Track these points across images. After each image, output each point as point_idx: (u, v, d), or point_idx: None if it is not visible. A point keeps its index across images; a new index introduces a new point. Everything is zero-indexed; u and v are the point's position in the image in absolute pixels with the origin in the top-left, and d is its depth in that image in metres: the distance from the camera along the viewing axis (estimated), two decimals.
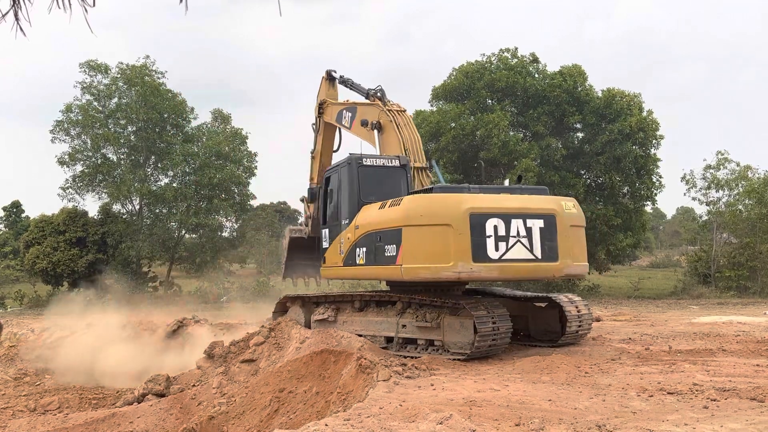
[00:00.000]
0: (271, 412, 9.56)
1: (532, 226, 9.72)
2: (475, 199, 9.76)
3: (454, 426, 5.57)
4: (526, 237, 9.66)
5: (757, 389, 7.17)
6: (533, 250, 9.69)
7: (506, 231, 9.56)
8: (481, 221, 9.47)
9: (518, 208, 9.78)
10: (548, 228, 9.82)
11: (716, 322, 15.24)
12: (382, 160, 11.89)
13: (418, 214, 9.62)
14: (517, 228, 9.62)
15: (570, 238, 10.03)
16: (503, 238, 9.53)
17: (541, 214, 9.86)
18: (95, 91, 34.34)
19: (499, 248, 9.51)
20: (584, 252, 10.58)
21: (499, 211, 9.62)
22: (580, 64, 31.27)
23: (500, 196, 10.13)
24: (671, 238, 74.90)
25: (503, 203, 9.85)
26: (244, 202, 36.93)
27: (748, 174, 31.39)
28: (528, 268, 9.74)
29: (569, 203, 10.37)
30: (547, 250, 9.79)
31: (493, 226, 9.50)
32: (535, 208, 9.92)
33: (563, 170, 30.40)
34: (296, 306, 12.95)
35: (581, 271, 10.53)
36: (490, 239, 9.47)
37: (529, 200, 10.11)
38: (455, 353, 9.90)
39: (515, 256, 9.59)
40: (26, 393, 13.51)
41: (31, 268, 33.65)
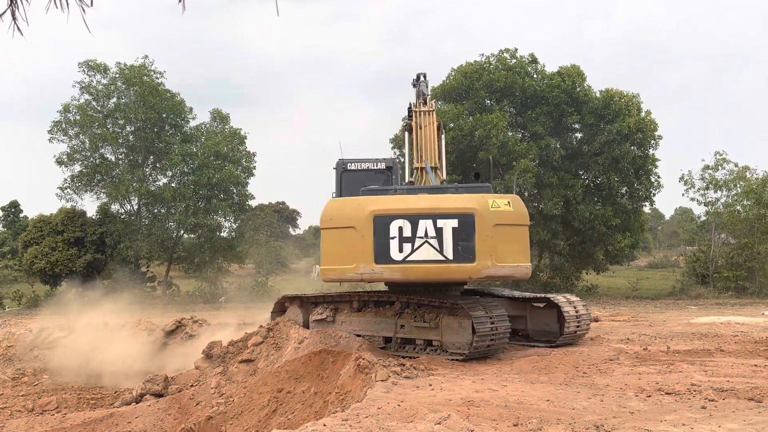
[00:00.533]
0: (269, 412, 9.55)
1: (444, 226, 9.59)
2: (381, 202, 9.88)
3: (452, 426, 5.57)
4: (435, 238, 9.56)
5: (755, 389, 7.18)
6: (443, 251, 9.55)
7: (412, 232, 9.58)
8: (386, 223, 9.59)
9: (428, 209, 9.69)
10: (464, 227, 9.57)
11: (714, 323, 15.26)
12: (367, 164, 12.02)
13: (329, 217, 10.02)
14: (426, 229, 9.58)
15: (493, 238, 9.63)
16: (409, 239, 9.58)
17: (455, 214, 9.65)
18: (94, 91, 34.31)
19: (403, 249, 9.58)
20: (519, 252, 9.97)
21: (405, 213, 9.66)
22: (579, 65, 31.27)
23: (411, 197, 10.08)
24: (669, 238, 74.95)
25: (411, 204, 9.84)
26: (243, 202, 36.91)
27: (746, 174, 31.41)
28: (437, 269, 9.60)
29: (501, 201, 9.94)
30: (461, 250, 9.57)
31: (398, 228, 9.58)
32: (449, 208, 9.74)
33: (561, 171, 30.40)
34: (294, 306, 12.93)
35: (512, 273, 9.87)
36: (393, 241, 9.57)
37: (443, 200, 9.96)
38: (453, 353, 9.91)
39: (421, 257, 9.55)
40: (24, 393, 13.50)
41: (29, 268, 33.62)
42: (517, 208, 10.02)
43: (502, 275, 9.79)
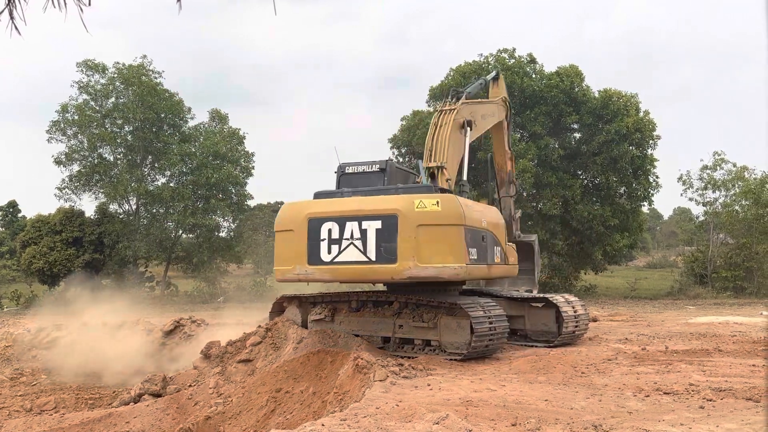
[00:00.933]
0: (267, 412, 9.55)
1: (368, 227, 9.74)
2: (315, 205, 10.29)
3: (450, 426, 5.57)
4: (359, 239, 9.77)
5: (753, 389, 7.18)
6: (367, 252, 9.71)
7: (340, 234, 9.87)
8: (318, 226, 10.01)
9: (354, 211, 9.90)
10: (387, 229, 9.63)
11: (712, 323, 15.28)
12: (363, 166, 12.03)
13: (278, 221, 10.60)
14: (352, 230, 9.81)
15: (417, 239, 9.53)
16: (336, 241, 9.88)
17: (379, 215, 9.75)
18: (92, 91, 34.29)
19: (331, 251, 9.94)
20: (447, 253, 9.65)
21: (334, 215, 9.99)
22: (577, 65, 31.31)
23: (343, 200, 10.35)
24: (668, 238, 75.01)
25: (340, 207, 10.12)
26: (242, 202, 36.93)
27: (744, 175, 31.46)
28: (361, 270, 9.83)
29: (428, 201, 9.72)
30: (384, 251, 9.59)
31: (328, 230, 9.94)
32: (373, 210, 9.85)
33: (560, 171, 30.42)
34: (293, 306, 12.92)
35: (437, 274, 9.58)
36: (323, 242, 9.96)
37: (369, 202, 10.04)
38: (452, 353, 9.91)
39: (347, 259, 9.84)
40: (22, 393, 13.47)
41: (27, 268, 33.61)
42: (447, 207, 9.73)
43: (426, 276, 9.59)
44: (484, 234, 10.49)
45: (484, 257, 10.42)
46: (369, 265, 9.70)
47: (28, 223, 36.59)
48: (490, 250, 10.74)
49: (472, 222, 10.00)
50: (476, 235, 10.15)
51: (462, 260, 9.61)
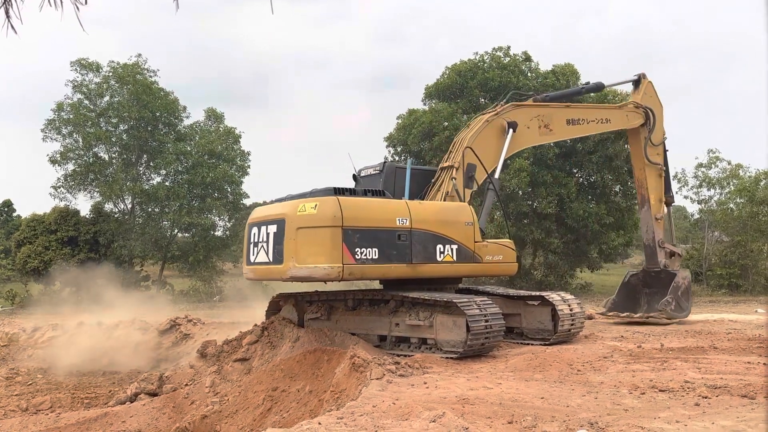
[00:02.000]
0: (264, 410, 9.55)
1: (270, 231, 10.54)
2: (256, 210, 11.45)
3: (447, 424, 5.58)
4: (265, 242, 10.61)
5: (748, 386, 7.21)
6: (268, 254, 10.54)
7: (258, 237, 10.82)
8: (251, 230, 11.09)
9: (264, 216, 10.86)
10: (278, 232, 10.35)
11: (708, 320, 15.32)
12: (369, 169, 12.43)
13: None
14: (263, 234, 10.68)
15: (296, 241, 9.93)
16: (256, 243, 10.87)
17: (274, 220, 10.52)
18: (86, 90, 34.20)
19: (253, 253, 10.96)
20: (320, 254, 9.83)
21: (257, 221, 10.99)
22: (573, 63, 31.37)
23: (266, 206, 11.41)
24: None
25: (262, 213, 11.14)
26: (237, 201, 36.88)
27: (739, 172, 31.56)
28: (266, 270, 10.71)
29: (308, 205, 10.04)
30: (276, 253, 10.37)
31: (254, 234, 10.97)
32: (272, 215, 10.70)
33: (555, 169, 30.47)
34: (289, 305, 12.92)
35: (310, 274, 9.87)
36: (251, 245, 11.01)
37: (272, 208, 11.06)
38: (448, 352, 9.92)
39: (259, 260, 10.79)
40: (18, 393, 13.44)
41: (22, 268, 33.51)
42: (323, 210, 9.92)
43: (302, 276, 10.04)
44: (401, 233, 10.42)
45: (404, 256, 10.42)
46: (269, 265, 10.55)
47: (23, 223, 36.49)
48: (421, 249, 10.66)
49: (361, 222, 10.10)
50: (374, 235, 10.15)
51: (336, 261, 9.82)
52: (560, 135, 14.04)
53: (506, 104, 13.16)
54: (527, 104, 13.53)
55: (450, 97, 32.08)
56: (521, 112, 13.13)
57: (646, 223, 15.71)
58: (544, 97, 14.12)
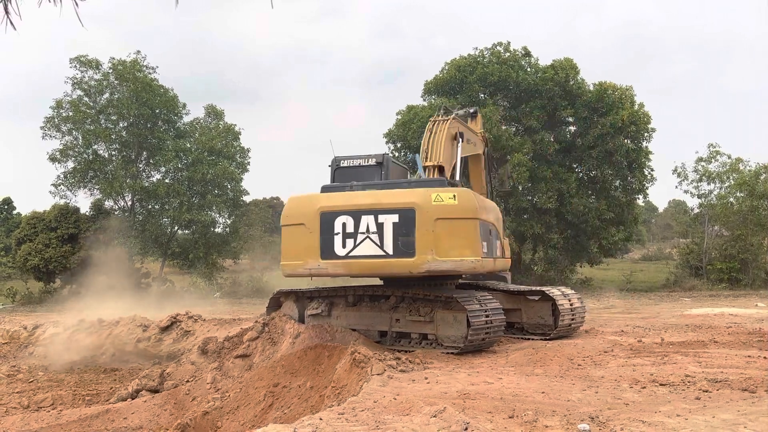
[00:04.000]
0: (265, 406, 9.56)
1: (384, 221, 9.66)
2: (328, 198, 10.05)
3: (448, 419, 5.59)
4: (376, 233, 9.65)
5: (749, 380, 7.22)
6: (383, 246, 9.61)
7: (355, 228, 9.71)
8: (331, 219, 9.78)
9: (370, 205, 9.78)
10: (404, 223, 9.57)
11: (708, 314, 15.35)
12: (359, 160, 12.14)
13: (285, 214, 10.27)
14: (368, 224, 9.68)
15: (435, 232, 9.53)
16: (351, 234, 9.71)
17: (396, 209, 9.67)
18: (86, 87, 34.16)
19: (346, 245, 9.73)
20: (465, 246, 9.73)
21: (349, 209, 9.79)
22: (572, 58, 31.30)
23: (356, 194, 10.17)
24: (663, 231, 75.19)
25: (355, 201, 9.95)
26: (237, 197, 36.86)
27: (739, 166, 31.52)
28: (378, 264, 9.70)
29: (445, 195, 9.74)
30: (401, 245, 9.56)
31: (342, 224, 9.75)
32: (390, 203, 9.76)
33: (555, 164, 30.46)
34: (290, 301, 12.92)
35: (455, 267, 9.67)
36: (338, 236, 9.76)
37: (385, 195, 9.97)
38: (449, 347, 9.94)
39: (363, 253, 9.68)
40: (19, 390, 13.45)
41: (23, 265, 33.52)
42: (463, 201, 9.78)
43: (444, 270, 9.63)
44: (490, 228, 10.61)
45: (492, 251, 10.54)
46: (386, 259, 9.59)
47: (23, 220, 36.48)
48: (495, 244, 10.90)
49: (484, 216, 10.15)
50: (486, 229, 10.27)
51: (478, 253, 9.71)
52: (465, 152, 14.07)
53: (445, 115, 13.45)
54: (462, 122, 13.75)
55: (449, 92, 32.04)
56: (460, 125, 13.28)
57: None
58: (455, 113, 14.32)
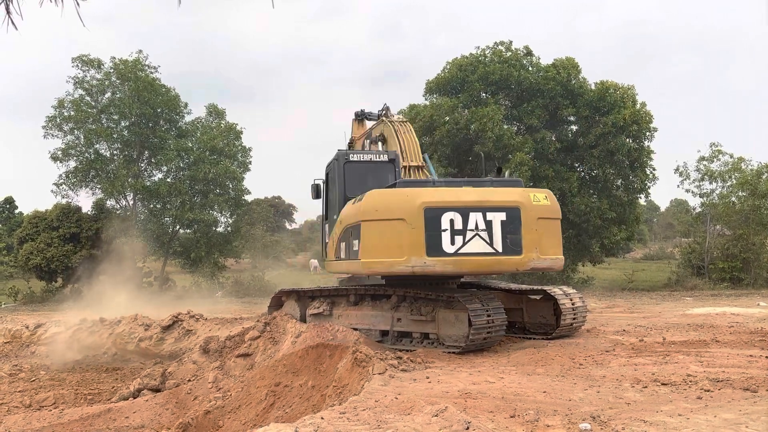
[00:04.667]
0: (267, 406, 9.57)
1: (493, 219, 9.64)
2: (432, 194, 9.78)
3: (449, 418, 5.59)
4: (485, 230, 9.60)
5: (751, 380, 7.21)
6: (493, 244, 9.61)
7: (463, 225, 9.55)
8: (437, 215, 9.51)
9: (477, 202, 9.71)
10: (511, 221, 9.68)
11: (710, 314, 15.33)
12: (369, 155, 12.14)
13: (374, 208, 9.79)
14: (476, 221, 9.59)
15: (537, 231, 9.82)
16: (460, 231, 9.53)
17: (503, 207, 9.73)
18: (88, 86, 34.16)
19: (455, 242, 9.52)
20: (557, 245, 10.33)
21: (455, 205, 9.61)
22: (574, 57, 31.27)
23: (460, 190, 10.04)
24: (665, 230, 75.12)
25: (461, 197, 9.79)
26: (239, 197, 36.84)
27: (741, 166, 31.45)
28: (487, 261, 9.65)
29: (540, 195, 10.21)
30: (509, 243, 9.66)
31: (450, 220, 9.54)
32: (497, 201, 9.79)
33: (557, 163, 30.43)
34: (291, 300, 12.95)
35: (551, 265, 10.19)
36: (445, 233, 9.51)
37: (491, 193, 9.99)
38: (450, 346, 9.94)
39: (473, 250, 9.55)
40: (21, 389, 13.48)
41: (24, 264, 33.52)
42: (553, 202, 10.39)
43: (544, 267, 10.08)
44: None
45: None
46: (496, 256, 9.62)
47: (25, 219, 36.48)
48: None
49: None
50: None
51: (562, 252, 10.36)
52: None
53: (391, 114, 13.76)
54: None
55: (451, 91, 32.03)
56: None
57: None
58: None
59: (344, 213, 11.09)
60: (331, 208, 12.42)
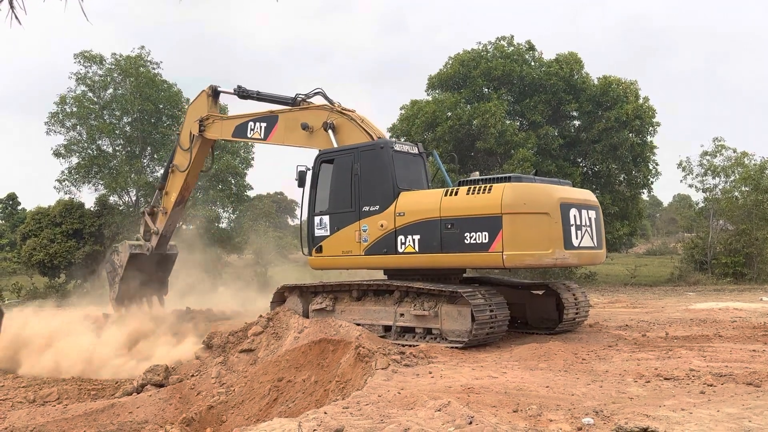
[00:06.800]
0: (270, 401, 9.59)
1: (592, 216, 10.56)
2: (561, 190, 10.35)
3: (452, 413, 5.60)
4: (589, 226, 10.44)
5: (753, 374, 7.21)
6: (593, 238, 10.53)
7: (580, 220, 10.27)
8: (567, 211, 10.04)
9: (584, 200, 10.60)
10: (598, 218, 10.75)
11: (713, 309, 15.32)
12: (407, 146, 11.93)
13: (521, 202, 9.80)
14: (585, 217, 10.39)
15: (603, 228, 11.10)
16: (579, 227, 10.24)
17: (594, 206, 10.79)
18: (90, 82, 34.18)
19: (577, 236, 10.21)
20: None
21: (576, 202, 10.36)
22: (576, 52, 31.18)
23: (565, 188, 10.69)
24: (668, 225, 75.05)
25: (576, 195, 10.59)
26: (241, 192, 36.84)
27: (744, 160, 31.39)
28: (592, 255, 10.63)
29: (592, 196, 11.22)
30: (599, 238, 10.78)
31: (574, 216, 10.16)
32: (590, 200, 10.83)
33: (560, 159, 30.39)
34: (294, 296, 12.95)
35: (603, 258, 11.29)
36: (572, 228, 10.09)
37: (584, 192, 11.02)
38: (453, 341, 9.94)
39: (586, 244, 10.38)
40: (25, 384, 13.51)
41: (28, 260, 33.60)
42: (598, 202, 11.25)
43: (602, 261, 11.28)
44: None
45: None
46: (595, 251, 10.64)
47: (28, 216, 36.55)
48: None
49: None
50: None
51: None
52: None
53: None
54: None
55: (453, 86, 31.98)
56: None
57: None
58: None
59: (416, 204, 10.84)
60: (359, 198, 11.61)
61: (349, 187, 11.76)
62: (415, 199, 10.97)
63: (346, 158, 11.90)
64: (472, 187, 10.25)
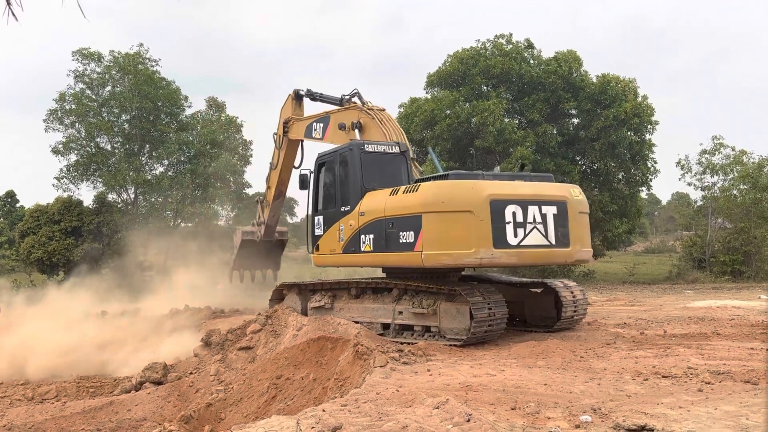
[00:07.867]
0: (268, 398, 9.60)
1: (547, 212, 9.98)
2: (495, 186, 9.86)
3: (450, 410, 5.60)
4: (541, 223, 9.91)
5: (751, 372, 7.22)
6: (548, 236, 9.95)
7: (524, 217, 9.77)
8: (501, 208, 9.61)
9: (533, 195, 10.00)
10: (561, 214, 10.09)
11: (711, 307, 15.33)
12: (383, 146, 11.89)
13: (439, 200, 9.61)
14: (534, 214, 9.86)
15: (579, 225, 10.35)
16: (521, 224, 9.74)
17: (554, 201, 10.13)
18: (88, 80, 34.13)
19: (517, 234, 9.70)
20: (589, 237, 10.81)
21: (517, 198, 9.81)
22: (575, 50, 31.15)
23: (516, 183, 10.24)
24: (666, 223, 75.09)
25: (520, 190, 10.00)
26: (240, 190, 36.86)
27: (742, 159, 31.40)
28: (543, 254, 10.03)
29: (575, 190, 10.62)
30: (560, 236, 10.06)
31: (512, 213, 9.68)
32: (549, 195, 10.17)
33: (559, 157, 30.37)
34: (293, 293, 12.96)
35: (588, 257, 10.75)
36: (509, 225, 9.64)
37: (542, 187, 10.35)
38: (451, 339, 9.95)
39: (532, 242, 9.82)
40: (23, 382, 13.52)
41: (26, 258, 33.56)
42: (584, 197, 10.81)
43: (583, 259, 10.66)
44: None
45: None
46: (550, 249, 10.01)
47: (27, 213, 36.50)
48: None
49: None
50: None
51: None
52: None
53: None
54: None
55: (452, 84, 31.95)
56: None
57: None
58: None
59: (372, 204, 10.86)
60: (335, 199, 11.96)
61: (333, 188, 12.08)
62: (374, 198, 11.00)
63: (331, 160, 12.20)
64: (407, 187, 10.32)
